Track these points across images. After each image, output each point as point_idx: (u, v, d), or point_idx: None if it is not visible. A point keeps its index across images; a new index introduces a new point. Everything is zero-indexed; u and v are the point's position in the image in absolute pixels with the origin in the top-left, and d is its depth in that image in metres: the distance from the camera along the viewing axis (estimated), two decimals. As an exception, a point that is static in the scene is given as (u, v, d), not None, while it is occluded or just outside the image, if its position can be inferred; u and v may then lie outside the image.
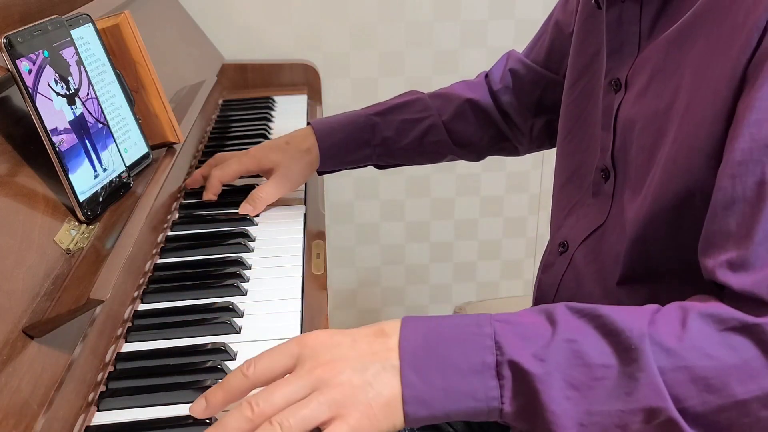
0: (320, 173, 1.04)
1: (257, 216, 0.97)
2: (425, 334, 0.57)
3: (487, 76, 1.07)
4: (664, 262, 0.68)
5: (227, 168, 1.00)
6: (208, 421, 0.59)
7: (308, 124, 1.03)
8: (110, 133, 0.77)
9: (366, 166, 1.06)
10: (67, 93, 0.71)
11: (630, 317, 0.56)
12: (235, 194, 1.02)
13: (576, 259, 0.79)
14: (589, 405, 0.54)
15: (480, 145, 1.06)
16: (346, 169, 1.05)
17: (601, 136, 0.76)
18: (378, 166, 1.07)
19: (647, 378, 0.54)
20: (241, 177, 1.01)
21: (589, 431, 0.55)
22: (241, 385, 0.56)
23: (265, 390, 0.55)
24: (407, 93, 1.07)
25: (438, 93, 1.07)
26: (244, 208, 0.96)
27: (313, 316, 0.76)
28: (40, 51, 0.68)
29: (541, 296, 0.85)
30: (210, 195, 0.99)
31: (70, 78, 0.72)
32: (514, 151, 1.09)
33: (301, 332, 0.73)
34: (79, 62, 0.74)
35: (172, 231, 0.93)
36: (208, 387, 0.63)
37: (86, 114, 0.74)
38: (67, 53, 0.73)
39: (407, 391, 0.55)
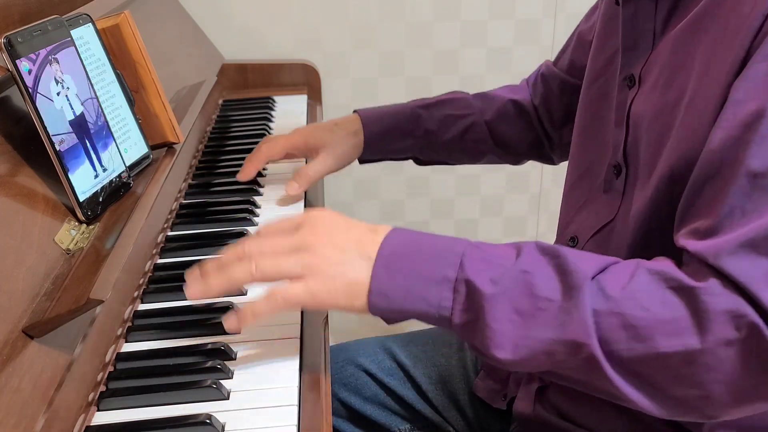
0: (362, 161, 1.06)
1: (258, 216, 0.97)
2: (405, 242, 0.64)
3: (528, 81, 1.09)
4: (664, 252, 0.68)
5: (274, 143, 1.01)
6: (207, 421, 0.60)
7: (354, 112, 1.05)
8: (110, 133, 0.77)
9: (408, 158, 1.08)
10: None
11: (584, 263, 0.61)
12: (236, 194, 1.02)
13: None
14: (526, 330, 0.60)
15: (519, 148, 1.08)
16: (388, 159, 1.07)
17: (614, 133, 0.77)
18: (420, 162, 1.10)
19: (579, 315, 0.58)
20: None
21: (520, 352, 0.60)
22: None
23: (259, 236, 0.66)
24: (452, 92, 1.09)
25: (482, 94, 1.09)
26: (290, 186, 0.98)
27: (313, 316, 0.76)
28: (40, 51, 0.68)
29: None
30: (250, 169, 1.00)
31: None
32: (549, 159, 1.10)
33: (301, 333, 0.73)
34: (80, 62, 0.74)
35: (172, 231, 0.93)
36: (209, 387, 0.63)
37: (86, 114, 0.74)
38: (67, 53, 0.73)
39: (373, 282, 0.62)
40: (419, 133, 1.04)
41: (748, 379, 0.57)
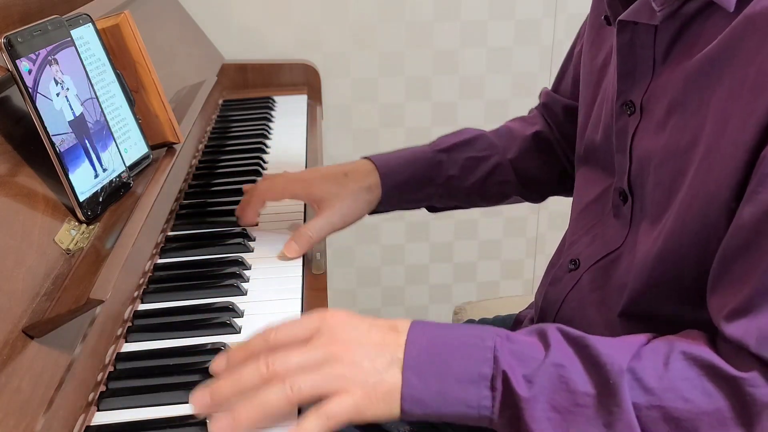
0: (372, 213, 0.96)
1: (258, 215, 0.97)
2: (430, 340, 0.61)
3: (538, 110, 1.03)
4: (668, 304, 0.68)
5: (272, 185, 0.92)
6: (208, 421, 0.59)
7: (365, 158, 0.95)
8: (110, 133, 0.77)
9: (420, 207, 1.00)
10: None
11: (614, 351, 0.59)
12: (236, 194, 1.02)
13: (583, 282, 0.78)
14: (567, 428, 0.58)
15: (549, 183, 1.00)
16: (401, 209, 0.98)
17: (617, 159, 0.74)
18: (432, 209, 1.01)
19: (623, 413, 0.57)
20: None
21: None
22: (261, 347, 0.61)
23: (281, 352, 0.59)
24: (465, 130, 0.99)
25: (500, 130, 1.01)
26: (289, 248, 0.86)
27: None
28: (40, 51, 0.68)
29: (546, 307, 0.84)
30: (249, 216, 0.92)
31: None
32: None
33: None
34: (80, 62, 0.74)
35: (172, 231, 0.93)
36: (208, 387, 0.63)
37: (86, 114, 0.74)
38: (67, 53, 0.73)
39: (406, 390, 0.59)
40: (440, 181, 0.95)
41: None
